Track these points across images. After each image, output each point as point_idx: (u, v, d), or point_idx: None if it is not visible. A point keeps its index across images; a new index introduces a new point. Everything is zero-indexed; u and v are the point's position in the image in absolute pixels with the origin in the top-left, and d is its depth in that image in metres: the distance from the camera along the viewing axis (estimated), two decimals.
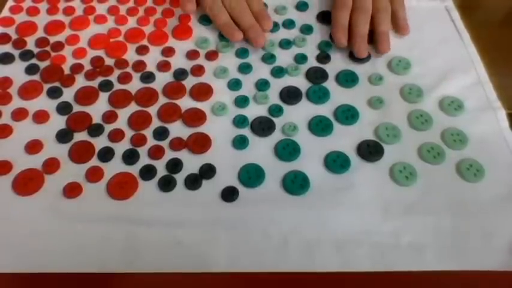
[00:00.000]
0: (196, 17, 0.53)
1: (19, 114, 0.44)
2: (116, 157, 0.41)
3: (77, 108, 0.45)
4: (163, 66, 0.48)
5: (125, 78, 0.47)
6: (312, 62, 0.49)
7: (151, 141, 0.43)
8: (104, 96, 0.46)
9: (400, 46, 0.50)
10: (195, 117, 0.44)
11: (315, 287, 0.36)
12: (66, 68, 0.48)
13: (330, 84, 0.47)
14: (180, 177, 0.40)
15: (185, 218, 0.38)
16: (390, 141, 0.43)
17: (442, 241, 0.37)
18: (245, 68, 0.48)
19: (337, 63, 0.49)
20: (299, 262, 0.36)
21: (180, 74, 0.47)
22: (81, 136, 0.43)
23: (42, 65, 0.48)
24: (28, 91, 0.46)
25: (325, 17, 0.53)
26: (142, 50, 0.50)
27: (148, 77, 0.47)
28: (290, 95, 0.46)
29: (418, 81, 0.47)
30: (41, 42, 0.50)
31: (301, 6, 0.54)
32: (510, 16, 0.52)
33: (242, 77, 0.48)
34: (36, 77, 0.47)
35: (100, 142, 0.42)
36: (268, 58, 0.49)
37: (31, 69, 0.48)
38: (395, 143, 0.43)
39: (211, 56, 0.49)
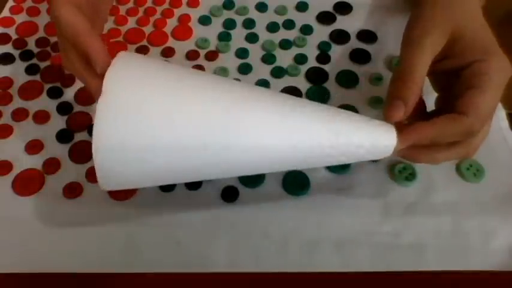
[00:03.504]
0: (196, 17, 0.53)
1: (19, 115, 0.44)
2: None
3: (77, 108, 0.45)
4: None
5: None
6: (312, 62, 0.49)
7: None
8: None
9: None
10: None
11: (315, 287, 0.36)
12: None
13: (330, 84, 0.47)
14: None
15: (185, 218, 0.38)
16: None
17: (442, 241, 0.37)
18: (245, 68, 0.48)
19: (337, 63, 0.49)
20: (299, 262, 0.36)
21: None
22: (81, 136, 0.43)
23: (42, 65, 0.48)
24: (28, 91, 0.46)
25: (325, 17, 0.53)
26: (142, 50, 0.50)
27: None
28: None
29: None
30: (41, 42, 0.50)
31: (301, 7, 0.54)
32: (509, 15, 0.52)
33: (242, 77, 0.48)
34: (36, 77, 0.47)
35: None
36: (268, 58, 0.49)
37: (31, 69, 0.48)
38: None
39: (211, 56, 0.49)
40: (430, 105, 0.36)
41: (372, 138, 0.31)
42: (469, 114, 0.31)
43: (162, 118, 0.30)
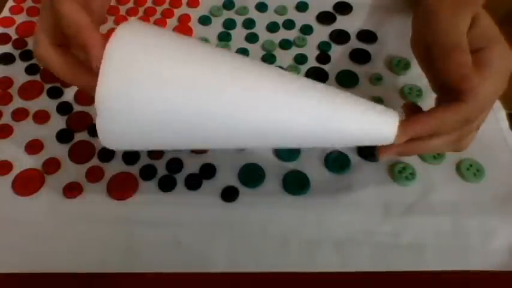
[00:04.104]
0: (196, 17, 0.53)
1: (19, 114, 0.44)
2: (116, 157, 0.41)
3: (77, 108, 0.45)
4: None
5: None
6: (312, 62, 0.49)
7: None
8: None
9: (400, 46, 0.50)
10: None
11: (315, 287, 0.36)
12: None
13: (330, 84, 0.47)
14: (180, 177, 0.40)
15: (185, 218, 0.38)
16: None
17: (442, 241, 0.37)
18: None
19: (337, 63, 0.49)
20: (299, 262, 0.36)
21: None
22: (81, 136, 0.43)
23: None
24: (28, 91, 0.46)
25: (325, 17, 0.53)
26: None
27: None
28: None
29: (418, 81, 0.47)
30: None
31: (301, 7, 0.54)
32: (510, 15, 0.52)
33: None
34: (36, 77, 0.47)
35: (100, 142, 0.42)
36: (268, 58, 0.49)
37: (31, 69, 0.48)
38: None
39: None
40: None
41: (373, 128, 0.31)
42: (467, 100, 0.31)
43: (167, 80, 0.30)
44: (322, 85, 0.33)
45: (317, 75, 0.48)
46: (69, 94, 0.46)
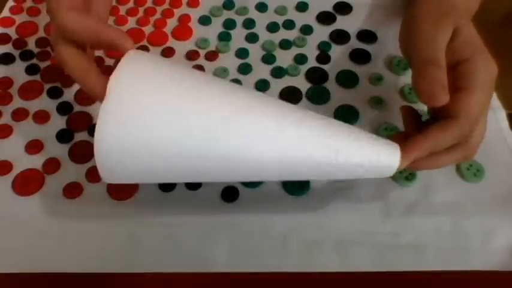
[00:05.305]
0: (196, 17, 0.53)
1: (19, 114, 0.44)
2: None
3: (77, 108, 0.45)
4: None
5: None
6: (312, 62, 0.49)
7: None
8: None
9: None
10: None
11: (315, 287, 0.36)
12: None
13: (330, 84, 0.47)
14: None
15: (185, 218, 0.38)
16: None
17: (442, 241, 0.37)
18: (245, 69, 0.48)
19: (337, 63, 0.49)
20: (299, 262, 0.36)
21: None
22: (81, 136, 0.43)
23: (43, 65, 0.48)
24: (28, 91, 0.46)
25: (325, 17, 0.53)
26: (142, 50, 0.50)
27: None
28: (290, 96, 0.46)
29: None
30: (41, 42, 0.50)
31: (301, 7, 0.54)
32: (510, 16, 0.52)
33: (242, 77, 0.48)
34: (36, 77, 0.47)
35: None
36: (268, 58, 0.49)
37: (31, 69, 0.48)
38: None
39: (211, 56, 0.49)
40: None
41: (375, 160, 0.31)
42: (458, 117, 0.31)
43: (164, 126, 0.30)
44: (326, 121, 0.33)
45: (317, 75, 0.48)
46: (69, 94, 0.46)
